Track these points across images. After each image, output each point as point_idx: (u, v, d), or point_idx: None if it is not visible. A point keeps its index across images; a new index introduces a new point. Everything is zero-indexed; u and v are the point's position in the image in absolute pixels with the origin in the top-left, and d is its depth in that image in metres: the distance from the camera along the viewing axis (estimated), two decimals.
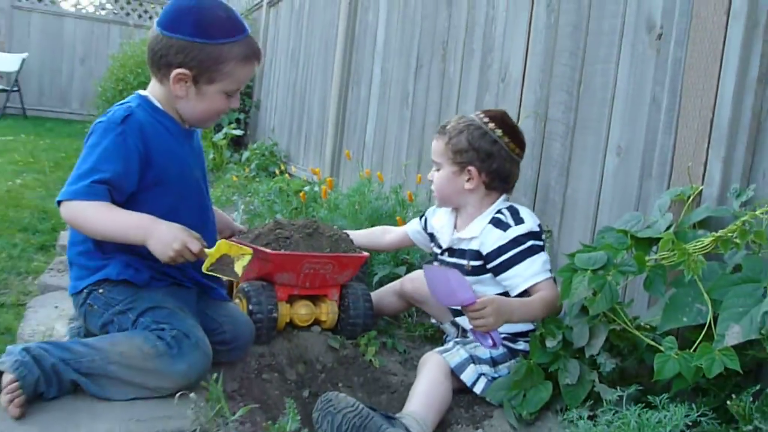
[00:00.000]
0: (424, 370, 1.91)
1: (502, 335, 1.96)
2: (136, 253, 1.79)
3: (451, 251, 2.20)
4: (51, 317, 2.24)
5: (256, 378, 1.97)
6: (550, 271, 2.03)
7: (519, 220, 2.08)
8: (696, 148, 1.88)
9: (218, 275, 1.79)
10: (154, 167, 1.83)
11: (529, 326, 2.04)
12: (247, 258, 1.78)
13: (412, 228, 2.48)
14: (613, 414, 1.49)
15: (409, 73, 3.74)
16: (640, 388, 1.61)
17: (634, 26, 2.15)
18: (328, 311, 2.23)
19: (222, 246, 1.77)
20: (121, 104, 1.89)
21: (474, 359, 1.95)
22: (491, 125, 2.13)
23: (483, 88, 2.98)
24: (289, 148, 6.12)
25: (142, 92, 1.93)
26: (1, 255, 3.26)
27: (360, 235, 2.57)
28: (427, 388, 1.84)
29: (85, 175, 1.74)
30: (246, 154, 6.25)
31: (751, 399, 1.46)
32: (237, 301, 2.20)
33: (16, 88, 9.70)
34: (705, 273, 1.60)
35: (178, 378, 1.70)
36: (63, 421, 1.57)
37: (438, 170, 2.18)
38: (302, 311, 2.20)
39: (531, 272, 1.99)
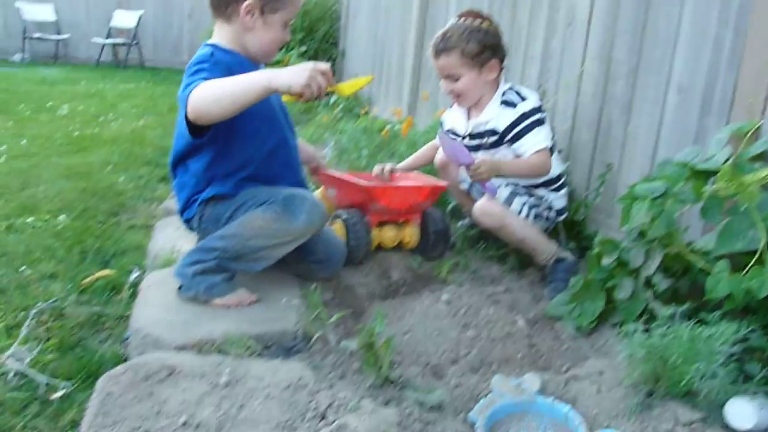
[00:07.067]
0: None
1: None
2: (220, 173, 1.83)
3: (472, 136, 2.31)
4: (174, 236, 2.34)
5: (348, 289, 2.03)
6: (552, 140, 2.20)
7: (523, 98, 2.23)
8: (757, 85, 1.77)
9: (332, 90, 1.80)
10: None
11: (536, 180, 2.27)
12: (363, 81, 1.89)
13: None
14: (667, 328, 1.47)
15: None
16: (693, 306, 1.58)
17: None
18: (411, 233, 2.26)
19: (361, 80, 1.90)
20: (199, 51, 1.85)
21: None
22: (482, 23, 2.24)
23: (550, 33, 2.86)
24: (371, 92, 6.08)
25: (208, 42, 1.89)
26: (129, 185, 3.41)
27: (410, 163, 2.61)
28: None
29: (190, 83, 1.69)
30: (334, 97, 6.25)
31: None
32: (334, 227, 2.21)
33: (135, 42, 9.96)
34: (760, 203, 1.53)
35: (303, 227, 1.76)
36: (189, 323, 1.66)
37: (457, 80, 2.27)
38: (390, 234, 2.23)
39: (534, 141, 2.16)
